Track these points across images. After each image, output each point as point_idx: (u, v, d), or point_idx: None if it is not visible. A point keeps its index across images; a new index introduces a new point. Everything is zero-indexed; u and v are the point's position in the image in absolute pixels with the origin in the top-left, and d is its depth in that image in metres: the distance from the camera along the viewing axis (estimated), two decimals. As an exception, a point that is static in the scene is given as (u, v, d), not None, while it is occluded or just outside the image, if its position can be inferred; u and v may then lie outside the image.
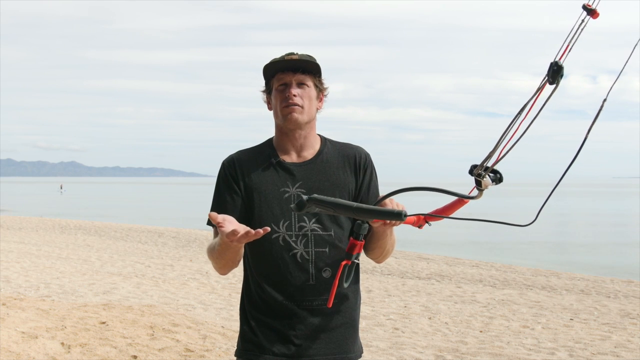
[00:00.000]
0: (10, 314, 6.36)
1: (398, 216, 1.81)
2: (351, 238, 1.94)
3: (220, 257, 2.12)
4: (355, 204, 1.83)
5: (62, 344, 5.61)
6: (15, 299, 7.50)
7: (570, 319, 8.99)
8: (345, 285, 1.98)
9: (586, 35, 1.58)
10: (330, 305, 2.02)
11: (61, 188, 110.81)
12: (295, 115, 2.22)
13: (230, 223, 1.95)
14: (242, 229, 1.92)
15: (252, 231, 1.90)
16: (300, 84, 2.23)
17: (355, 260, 1.95)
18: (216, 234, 2.20)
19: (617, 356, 6.79)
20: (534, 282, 13.41)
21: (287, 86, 2.23)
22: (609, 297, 11.70)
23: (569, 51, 1.62)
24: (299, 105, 2.22)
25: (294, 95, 2.21)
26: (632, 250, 22.92)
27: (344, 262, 1.93)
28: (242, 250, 2.14)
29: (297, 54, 2.25)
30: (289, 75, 2.22)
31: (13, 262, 12.93)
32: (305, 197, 1.81)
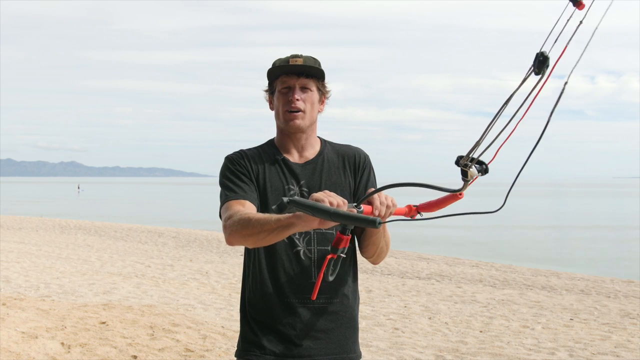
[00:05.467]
0: (10, 314, 6.36)
1: (372, 223, 1.78)
2: (338, 232, 1.95)
3: (271, 234, 1.97)
4: (332, 208, 1.83)
5: (62, 344, 5.61)
6: (15, 299, 7.51)
7: (570, 319, 8.99)
8: (331, 278, 1.98)
9: (584, 35, 1.58)
10: (314, 297, 2.03)
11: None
12: (298, 122, 2.25)
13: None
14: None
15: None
16: (304, 88, 2.24)
17: (341, 255, 1.95)
18: (231, 205, 2.13)
19: (617, 356, 6.80)
20: (534, 282, 13.41)
21: (290, 90, 2.24)
22: (609, 297, 11.70)
23: (555, 42, 1.61)
24: (301, 111, 2.24)
25: (297, 100, 2.23)
26: (632, 250, 22.92)
27: (329, 256, 1.94)
28: None
29: (302, 56, 2.25)
30: (293, 79, 2.23)
31: (13, 262, 12.93)
32: (285, 199, 1.83)
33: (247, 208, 2.13)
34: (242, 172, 2.24)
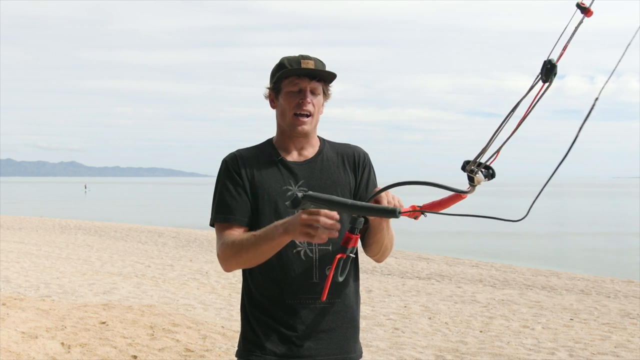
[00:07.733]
0: (10, 314, 6.36)
1: (392, 213, 1.80)
2: (346, 232, 1.94)
3: (260, 254, 2.07)
4: (350, 200, 1.83)
5: (62, 344, 5.61)
6: (15, 299, 7.51)
7: (570, 319, 8.99)
8: (340, 279, 1.96)
9: (583, 36, 1.58)
10: (324, 299, 2.01)
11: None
12: (306, 127, 2.25)
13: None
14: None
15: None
16: (313, 92, 2.24)
17: (351, 254, 1.94)
18: (220, 231, 2.20)
19: (617, 356, 6.80)
20: (534, 282, 13.41)
21: (301, 92, 2.23)
22: (609, 297, 11.70)
23: (564, 49, 1.61)
24: (310, 115, 2.24)
25: (309, 103, 2.22)
26: (632, 250, 22.93)
27: (338, 256, 1.93)
28: None
29: (312, 58, 2.24)
30: (305, 82, 2.22)
31: (13, 262, 12.94)
32: (300, 194, 1.82)
33: (234, 231, 2.19)
34: (234, 181, 2.24)
